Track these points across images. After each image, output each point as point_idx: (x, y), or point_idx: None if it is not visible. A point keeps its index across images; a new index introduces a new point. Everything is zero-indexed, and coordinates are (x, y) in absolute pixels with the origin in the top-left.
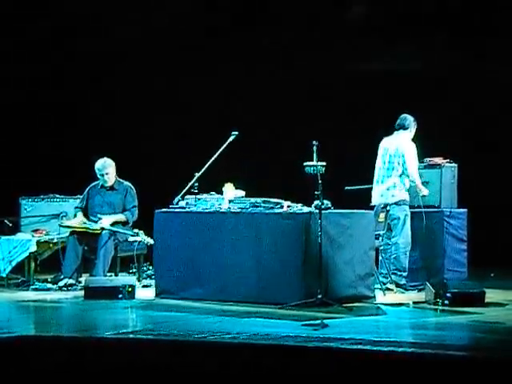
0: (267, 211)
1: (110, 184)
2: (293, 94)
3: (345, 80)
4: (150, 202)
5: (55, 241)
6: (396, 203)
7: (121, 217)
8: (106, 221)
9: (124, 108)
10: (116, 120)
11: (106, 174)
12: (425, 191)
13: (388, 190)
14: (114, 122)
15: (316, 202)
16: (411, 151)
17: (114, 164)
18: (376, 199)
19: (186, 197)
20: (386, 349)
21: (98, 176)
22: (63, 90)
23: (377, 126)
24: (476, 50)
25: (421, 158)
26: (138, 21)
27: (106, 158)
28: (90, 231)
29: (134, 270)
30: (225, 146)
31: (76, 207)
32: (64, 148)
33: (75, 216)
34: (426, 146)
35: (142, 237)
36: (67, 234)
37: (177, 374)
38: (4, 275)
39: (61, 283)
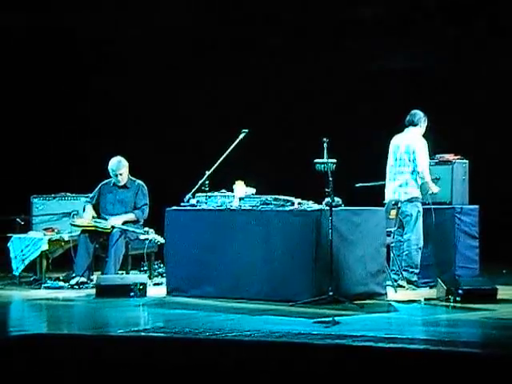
0: (278, 209)
1: (122, 183)
2: (300, 92)
3: (358, 77)
4: (160, 200)
5: (67, 239)
6: (409, 200)
7: (130, 216)
8: (115, 221)
9: (133, 107)
10: (126, 118)
11: (120, 174)
12: (435, 189)
13: (400, 187)
14: (125, 121)
15: (327, 199)
16: (422, 148)
17: (127, 164)
18: (389, 196)
19: (197, 195)
20: (397, 346)
21: (112, 175)
22: (69, 89)
23: (388, 122)
24: (479, 49)
25: (432, 154)
26: (137, 21)
27: (120, 158)
28: (100, 230)
29: (145, 268)
30: (235, 143)
31: (86, 201)
32: (75, 146)
33: (84, 210)
34: (437, 142)
35: (153, 235)
36: (78, 233)
37: (188, 371)
38: (17, 274)
39: (72, 281)
